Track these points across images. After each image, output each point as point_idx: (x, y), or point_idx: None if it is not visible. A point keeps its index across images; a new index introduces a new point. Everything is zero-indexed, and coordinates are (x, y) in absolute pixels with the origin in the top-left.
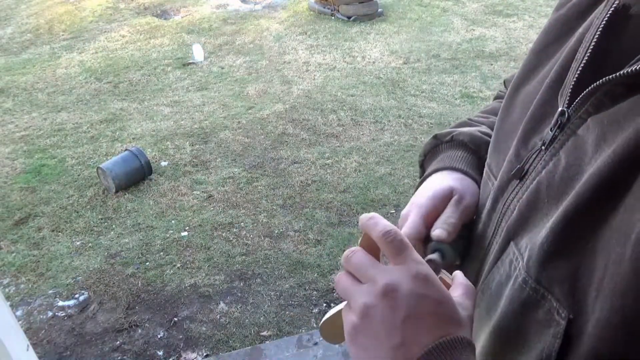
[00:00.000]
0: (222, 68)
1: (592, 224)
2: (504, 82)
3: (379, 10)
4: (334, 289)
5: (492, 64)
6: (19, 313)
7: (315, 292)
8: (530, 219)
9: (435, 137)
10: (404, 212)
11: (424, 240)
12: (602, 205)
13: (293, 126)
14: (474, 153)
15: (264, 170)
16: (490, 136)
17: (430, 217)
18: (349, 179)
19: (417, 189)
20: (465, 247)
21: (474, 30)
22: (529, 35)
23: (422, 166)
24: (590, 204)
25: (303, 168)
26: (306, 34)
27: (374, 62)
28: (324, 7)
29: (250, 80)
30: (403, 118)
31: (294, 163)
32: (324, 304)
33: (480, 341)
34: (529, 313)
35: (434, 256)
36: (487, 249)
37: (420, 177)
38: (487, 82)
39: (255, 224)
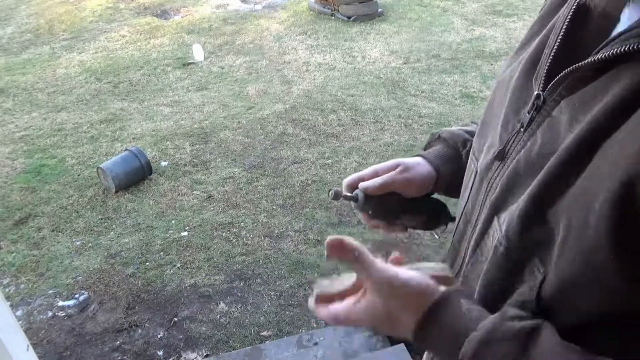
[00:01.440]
0: (222, 68)
1: (560, 192)
2: None
3: (379, 10)
4: None
5: (492, 64)
6: (19, 313)
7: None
8: (510, 194)
9: (431, 134)
10: None
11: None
12: (569, 177)
13: (293, 126)
14: (451, 147)
15: (264, 170)
16: None
17: (371, 177)
18: None
19: None
20: (414, 209)
21: (474, 30)
22: None
23: None
24: (559, 176)
25: (303, 168)
26: (306, 34)
27: (374, 62)
28: (324, 7)
29: (250, 80)
30: (403, 118)
31: (294, 163)
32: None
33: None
34: (513, 276)
35: (335, 188)
36: (475, 224)
37: None
38: (487, 82)
39: (255, 224)
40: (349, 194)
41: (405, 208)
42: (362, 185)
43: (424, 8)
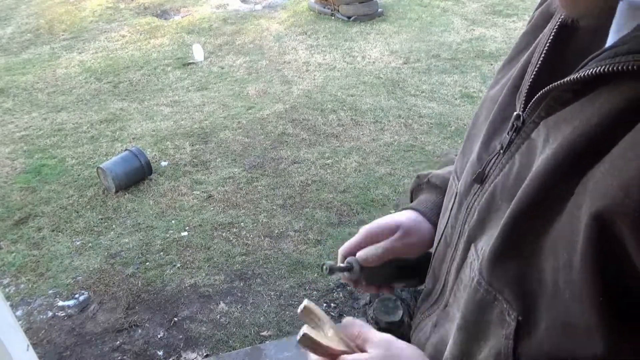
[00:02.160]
0: (222, 68)
1: (536, 226)
2: None
3: (379, 10)
4: (334, 289)
5: (492, 64)
6: (19, 313)
7: (315, 292)
8: (487, 221)
9: (417, 177)
10: (361, 228)
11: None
12: (544, 209)
13: (293, 126)
14: (444, 194)
15: (264, 170)
16: None
17: (367, 243)
18: (349, 179)
19: None
20: (408, 272)
21: (474, 30)
22: None
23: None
24: (533, 207)
25: (303, 168)
26: (306, 34)
27: (374, 62)
28: (324, 7)
29: (250, 80)
30: (403, 118)
31: (294, 163)
32: (324, 304)
33: (452, 337)
34: (485, 314)
35: (327, 262)
36: (455, 250)
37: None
38: (487, 82)
39: (255, 224)
40: (342, 265)
41: (402, 274)
42: (360, 255)
43: (424, 8)
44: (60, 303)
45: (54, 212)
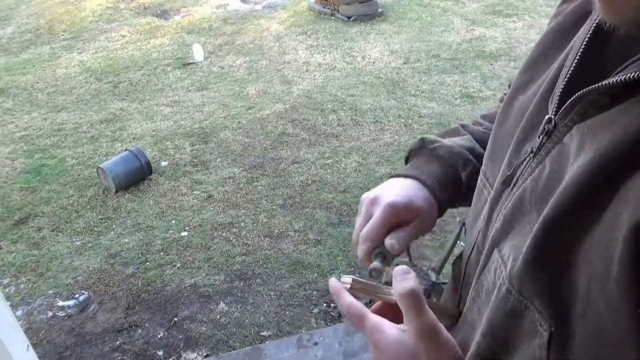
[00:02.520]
0: (222, 68)
1: (570, 235)
2: (509, 84)
3: (379, 10)
4: None
5: (492, 64)
6: (19, 313)
7: (315, 292)
8: (513, 226)
9: (422, 139)
10: (374, 194)
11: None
12: (579, 217)
13: (293, 126)
14: (450, 167)
15: (264, 170)
16: (479, 144)
17: (391, 223)
18: (349, 179)
19: (391, 177)
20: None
21: (474, 30)
22: (529, 35)
23: (407, 161)
24: (568, 215)
25: (303, 168)
26: (306, 34)
27: (374, 62)
28: (324, 7)
29: (250, 80)
30: (403, 118)
31: (294, 163)
32: (324, 304)
33: (475, 343)
34: (515, 322)
35: (376, 264)
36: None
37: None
38: (487, 82)
39: (255, 224)
40: (380, 263)
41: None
42: (391, 245)
43: (424, 8)
44: (60, 303)
45: (54, 212)
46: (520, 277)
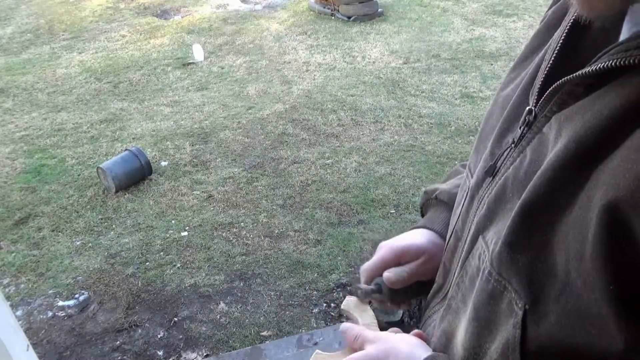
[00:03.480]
0: (222, 68)
1: (548, 217)
2: None
3: (379, 10)
4: (333, 289)
5: (492, 64)
6: (19, 313)
7: (315, 292)
8: (496, 213)
9: (425, 192)
10: (382, 243)
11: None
12: (556, 200)
13: (293, 126)
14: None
15: (264, 170)
16: None
17: (392, 263)
18: (349, 179)
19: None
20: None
21: (474, 30)
22: (529, 35)
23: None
24: (545, 198)
25: (303, 168)
26: (306, 34)
27: (374, 62)
28: (324, 7)
29: (250, 80)
30: (403, 118)
31: (294, 163)
32: (324, 304)
33: (460, 331)
34: (496, 304)
35: (362, 286)
36: (464, 244)
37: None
38: (487, 82)
39: (255, 224)
40: (373, 288)
41: (421, 291)
42: (387, 277)
43: (424, 8)
44: (60, 303)
45: (54, 212)
46: (500, 259)
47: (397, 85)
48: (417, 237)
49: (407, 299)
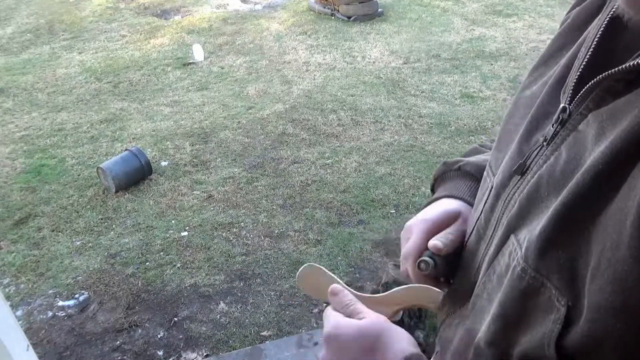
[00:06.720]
0: (222, 68)
1: (590, 213)
2: None
3: (379, 10)
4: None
5: (492, 64)
6: (19, 313)
7: None
8: (530, 212)
9: (444, 163)
10: (408, 223)
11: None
12: (599, 196)
13: (293, 126)
14: (479, 181)
15: (264, 170)
16: None
17: (433, 232)
18: (349, 179)
19: (424, 207)
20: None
21: (474, 30)
22: (529, 35)
23: (433, 189)
24: (588, 195)
25: (303, 168)
26: (306, 34)
27: (374, 62)
28: (324, 7)
29: (250, 80)
30: (403, 118)
31: (294, 163)
32: (324, 304)
33: (484, 327)
34: (529, 300)
35: (426, 258)
36: (489, 243)
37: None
38: (487, 82)
39: (255, 224)
40: (425, 259)
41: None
42: (434, 245)
43: (424, 8)
44: (60, 303)
45: (54, 212)
46: (537, 256)
47: (397, 85)
48: (444, 205)
49: (451, 271)
